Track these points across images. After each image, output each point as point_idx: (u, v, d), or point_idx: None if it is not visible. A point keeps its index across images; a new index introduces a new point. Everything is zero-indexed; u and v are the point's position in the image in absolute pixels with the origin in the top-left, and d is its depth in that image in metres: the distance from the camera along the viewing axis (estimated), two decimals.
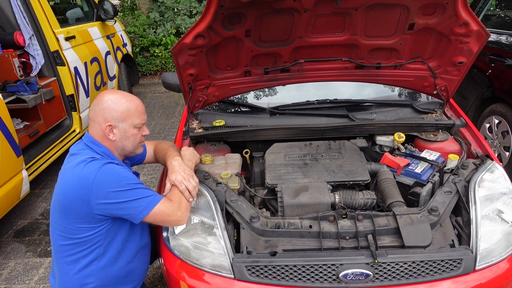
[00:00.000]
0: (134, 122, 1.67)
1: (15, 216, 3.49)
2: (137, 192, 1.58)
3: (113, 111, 1.63)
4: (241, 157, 2.21)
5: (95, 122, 1.65)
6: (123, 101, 1.65)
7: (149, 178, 4.01)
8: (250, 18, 1.86)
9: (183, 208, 1.65)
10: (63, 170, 1.64)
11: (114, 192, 1.54)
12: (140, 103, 1.72)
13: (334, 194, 1.88)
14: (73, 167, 1.58)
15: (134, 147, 1.73)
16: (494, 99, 3.63)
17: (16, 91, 3.43)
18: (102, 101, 1.64)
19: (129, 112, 1.65)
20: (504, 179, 1.90)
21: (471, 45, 2.04)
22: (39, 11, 3.80)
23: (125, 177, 1.59)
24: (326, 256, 1.61)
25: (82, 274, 1.65)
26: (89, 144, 1.66)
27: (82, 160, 1.58)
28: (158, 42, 7.51)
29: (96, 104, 1.65)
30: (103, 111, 1.63)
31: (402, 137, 2.23)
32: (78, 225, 1.59)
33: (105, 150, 1.67)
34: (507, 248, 1.68)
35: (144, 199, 1.58)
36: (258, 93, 2.73)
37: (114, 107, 1.63)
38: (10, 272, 2.85)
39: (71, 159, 1.64)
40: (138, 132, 1.71)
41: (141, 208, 1.57)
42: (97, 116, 1.64)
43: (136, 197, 1.56)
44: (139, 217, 1.58)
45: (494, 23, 4.19)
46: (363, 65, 2.28)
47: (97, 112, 1.64)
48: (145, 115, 1.74)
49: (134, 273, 1.77)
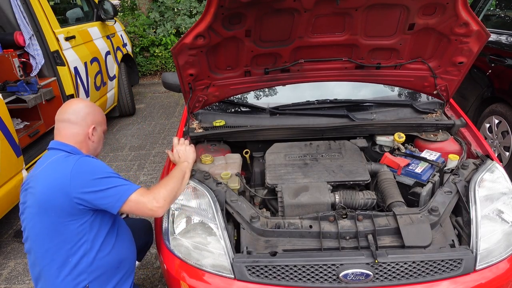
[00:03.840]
0: (104, 127, 1.87)
1: (15, 216, 3.48)
2: (114, 180, 1.62)
3: (96, 115, 1.79)
4: (241, 157, 2.21)
5: (77, 125, 1.73)
6: (96, 108, 1.84)
7: (149, 178, 4.01)
8: (250, 18, 1.86)
9: (161, 199, 1.64)
10: (36, 174, 1.66)
11: (92, 180, 1.58)
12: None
13: (334, 194, 1.88)
14: (47, 166, 1.63)
15: (100, 150, 1.90)
16: (494, 99, 3.63)
17: (16, 91, 3.43)
18: (81, 106, 1.76)
19: (103, 118, 1.87)
20: (504, 179, 1.90)
21: (471, 45, 2.04)
22: (39, 11, 3.80)
23: (101, 166, 1.65)
24: (326, 256, 1.61)
25: (74, 274, 1.64)
26: (55, 147, 1.71)
27: (56, 159, 1.63)
28: (158, 42, 7.51)
29: (77, 110, 1.74)
30: (88, 115, 1.75)
31: (402, 137, 2.23)
32: (61, 219, 1.59)
33: (73, 148, 1.71)
34: (507, 248, 1.68)
35: (121, 187, 1.62)
36: (258, 93, 2.73)
37: (95, 112, 1.79)
38: (10, 272, 2.85)
39: (41, 161, 1.69)
40: (103, 137, 1.89)
41: (119, 196, 1.60)
42: (82, 119, 1.73)
43: (113, 185, 1.61)
44: (117, 205, 1.60)
45: (494, 23, 4.19)
46: (363, 65, 2.28)
47: (81, 115, 1.73)
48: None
49: (124, 262, 1.79)
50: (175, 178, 1.77)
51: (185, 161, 1.90)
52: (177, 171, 1.82)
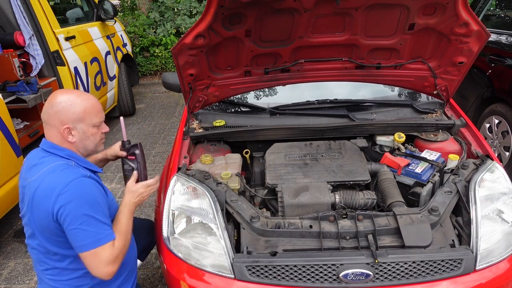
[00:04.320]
0: (93, 121, 1.62)
1: (15, 216, 3.48)
2: (95, 223, 1.50)
3: (68, 113, 1.55)
4: (241, 157, 2.21)
5: (51, 126, 1.58)
6: (78, 102, 1.57)
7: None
8: (250, 18, 1.86)
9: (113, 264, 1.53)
10: (27, 184, 1.56)
11: (76, 211, 1.47)
12: (97, 101, 1.66)
13: (334, 194, 1.88)
14: (42, 177, 1.51)
15: (96, 145, 1.69)
16: (494, 99, 3.63)
17: (16, 91, 3.43)
18: (55, 103, 1.56)
19: (86, 112, 1.59)
20: (504, 179, 1.90)
21: (471, 45, 2.04)
22: (39, 11, 3.80)
23: (94, 200, 1.52)
24: (326, 256, 1.61)
25: (77, 275, 1.64)
26: (50, 150, 1.59)
27: (53, 169, 1.52)
28: (158, 42, 7.51)
29: (49, 107, 1.56)
30: (58, 113, 1.55)
31: (402, 137, 2.23)
32: (57, 237, 1.54)
33: (69, 152, 1.60)
34: (507, 248, 1.68)
35: (93, 235, 1.49)
36: (258, 93, 2.73)
37: (69, 109, 1.55)
38: (10, 272, 2.85)
39: (35, 170, 1.56)
40: (98, 131, 1.67)
41: (89, 240, 1.49)
42: (52, 119, 1.56)
43: (91, 227, 1.49)
44: (77, 251, 1.52)
45: (494, 23, 4.19)
46: (363, 65, 2.28)
47: (51, 115, 1.56)
48: (103, 113, 1.69)
49: (126, 263, 1.77)
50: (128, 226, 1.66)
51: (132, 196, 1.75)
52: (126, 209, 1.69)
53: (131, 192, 1.75)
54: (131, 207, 1.71)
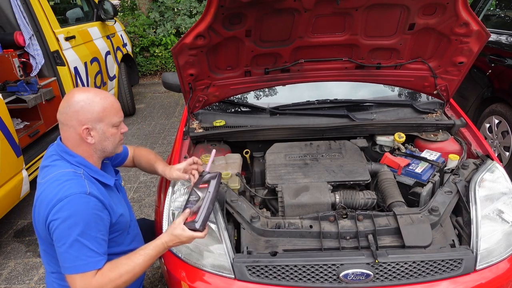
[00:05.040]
0: (112, 121, 1.51)
1: (15, 216, 3.48)
2: (79, 247, 1.39)
3: (87, 113, 1.45)
4: (242, 157, 2.21)
5: (69, 127, 1.47)
6: (97, 100, 1.47)
7: (149, 178, 4.01)
8: (250, 18, 1.86)
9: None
10: (39, 183, 1.53)
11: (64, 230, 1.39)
12: (115, 100, 1.56)
13: (334, 194, 1.88)
14: (47, 184, 1.46)
15: (114, 146, 1.58)
16: (494, 99, 3.64)
17: (16, 91, 3.43)
18: (73, 102, 1.46)
19: (105, 111, 1.48)
20: (504, 179, 1.90)
21: (471, 45, 2.04)
22: (39, 11, 3.79)
23: (85, 222, 1.40)
24: (327, 256, 1.61)
25: None
26: (62, 154, 1.51)
27: (58, 177, 1.46)
28: (158, 42, 7.51)
29: (67, 107, 1.46)
30: (77, 113, 1.45)
31: (402, 137, 2.23)
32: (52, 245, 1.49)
33: (79, 159, 1.51)
34: (507, 248, 1.68)
35: (75, 260, 1.39)
36: (258, 93, 2.73)
37: (88, 108, 1.45)
38: (10, 272, 2.85)
39: (45, 172, 1.51)
40: (117, 131, 1.55)
41: (69, 264, 1.40)
42: (70, 120, 1.46)
43: (74, 251, 1.39)
44: (64, 270, 1.43)
45: (494, 23, 4.19)
46: (363, 65, 2.28)
47: (69, 115, 1.46)
48: (121, 112, 1.57)
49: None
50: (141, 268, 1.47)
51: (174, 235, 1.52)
52: (154, 249, 1.50)
53: (172, 235, 1.51)
54: (159, 250, 1.51)
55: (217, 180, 1.65)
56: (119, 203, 1.66)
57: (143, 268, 1.47)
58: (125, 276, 1.43)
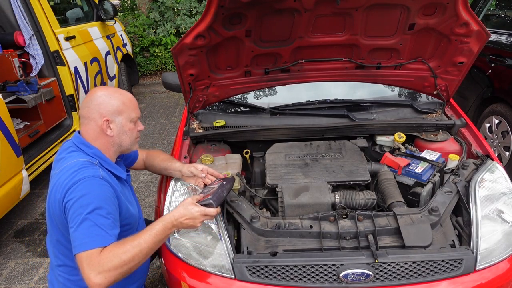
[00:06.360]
0: (131, 115, 1.62)
1: (15, 216, 3.48)
2: (89, 225, 1.40)
3: (108, 105, 1.57)
4: (242, 157, 2.21)
5: (90, 119, 1.58)
6: (116, 95, 1.61)
7: (149, 178, 4.01)
8: (250, 18, 1.86)
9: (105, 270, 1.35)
10: (52, 175, 1.59)
11: (76, 209, 1.43)
12: (133, 97, 1.68)
13: (334, 194, 1.88)
14: (62, 172, 1.51)
15: (131, 142, 1.67)
16: (494, 99, 3.64)
17: (16, 91, 3.43)
18: (95, 96, 1.59)
19: (125, 105, 1.60)
20: (504, 179, 1.90)
21: (472, 45, 2.04)
22: (39, 11, 3.79)
23: (97, 201, 1.44)
24: (327, 256, 1.61)
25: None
26: (79, 146, 1.60)
27: (73, 165, 1.51)
28: (158, 42, 7.51)
29: (89, 101, 1.59)
30: (98, 106, 1.57)
31: (402, 137, 2.23)
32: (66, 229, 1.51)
33: (96, 151, 1.59)
34: (507, 248, 1.68)
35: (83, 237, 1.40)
36: (258, 93, 2.73)
37: (109, 101, 1.57)
38: (10, 272, 2.85)
39: (60, 163, 1.57)
40: (134, 127, 1.66)
41: (77, 243, 1.40)
42: (92, 113, 1.57)
43: (83, 229, 1.40)
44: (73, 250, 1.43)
45: (494, 23, 4.19)
46: (364, 65, 2.28)
47: (91, 108, 1.57)
48: (139, 110, 1.69)
49: (136, 272, 1.76)
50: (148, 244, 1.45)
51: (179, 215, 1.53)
52: (162, 224, 1.50)
53: (182, 209, 1.53)
54: (168, 226, 1.51)
55: (231, 179, 1.80)
56: (129, 197, 1.72)
57: (150, 244, 1.44)
58: (131, 251, 1.40)
